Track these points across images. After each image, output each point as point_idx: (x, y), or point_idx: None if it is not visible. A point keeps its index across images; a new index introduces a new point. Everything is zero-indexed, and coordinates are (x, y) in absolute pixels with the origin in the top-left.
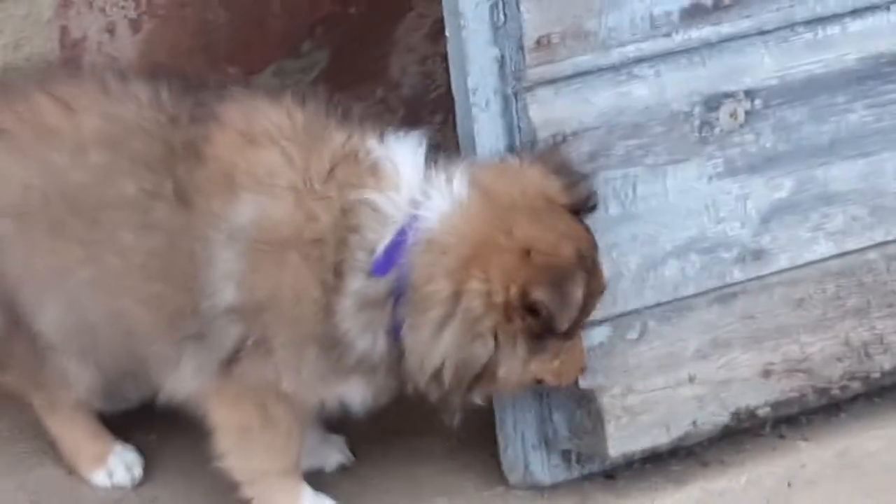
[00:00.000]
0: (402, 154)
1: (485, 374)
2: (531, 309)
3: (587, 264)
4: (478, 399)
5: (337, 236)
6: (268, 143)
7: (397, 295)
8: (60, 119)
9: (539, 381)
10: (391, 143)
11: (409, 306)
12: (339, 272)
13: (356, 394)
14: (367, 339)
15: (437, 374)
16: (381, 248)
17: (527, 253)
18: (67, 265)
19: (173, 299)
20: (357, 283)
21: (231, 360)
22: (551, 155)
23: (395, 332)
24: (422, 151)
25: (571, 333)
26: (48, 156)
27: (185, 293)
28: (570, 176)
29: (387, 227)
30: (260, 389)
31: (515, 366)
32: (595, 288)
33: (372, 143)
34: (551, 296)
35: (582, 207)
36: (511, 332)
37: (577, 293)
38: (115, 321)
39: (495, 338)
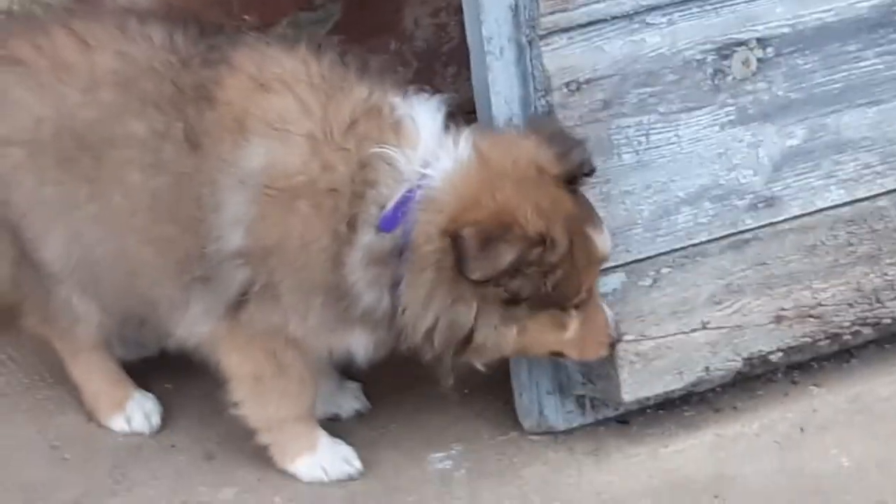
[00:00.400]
0: (424, 115)
1: (468, 338)
2: (454, 241)
3: (552, 238)
4: (478, 364)
5: (353, 189)
6: (281, 90)
7: (401, 251)
8: (76, 54)
9: (558, 354)
10: (414, 102)
11: (409, 264)
12: (352, 224)
13: (360, 344)
14: (373, 294)
15: (428, 335)
16: (391, 204)
17: (497, 214)
18: (74, 199)
19: (179, 241)
20: (367, 237)
21: (238, 305)
22: (546, 124)
23: (396, 289)
24: (441, 114)
25: (560, 300)
26: (62, 90)
27: (191, 236)
28: (563, 145)
29: (400, 183)
30: (268, 335)
31: (490, 331)
32: (582, 259)
33: (396, 100)
34: (471, 240)
35: (574, 175)
36: (484, 296)
37: (503, 255)
38: (119, 259)
39: (476, 301)
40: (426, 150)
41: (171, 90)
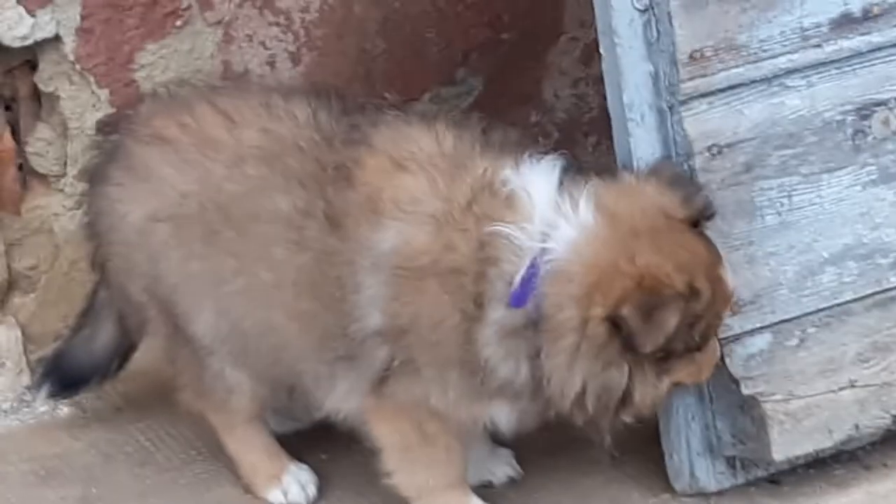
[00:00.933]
0: (535, 183)
1: (625, 398)
2: (615, 323)
3: (697, 293)
4: (628, 418)
5: (475, 268)
6: (415, 169)
7: (535, 324)
8: (221, 131)
9: (678, 384)
10: (525, 171)
11: (545, 334)
12: (479, 303)
13: (502, 415)
14: (509, 366)
15: (579, 400)
16: (517, 281)
17: (642, 279)
18: (220, 273)
19: (323, 318)
20: (497, 314)
21: (381, 380)
22: (664, 169)
23: (535, 360)
24: (554, 177)
25: (701, 347)
26: (207, 165)
27: (333, 314)
28: (685, 188)
29: (523, 258)
30: (413, 407)
31: (648, 388)
32: (718, 303)
33: (507, 172)
34: (636, 317)
35: (699, 218)
36: (638, 360)
37: (668, 321)
38: (266, 333)
39: (627, 364)
40: (542, 220)
41: (313, 168)
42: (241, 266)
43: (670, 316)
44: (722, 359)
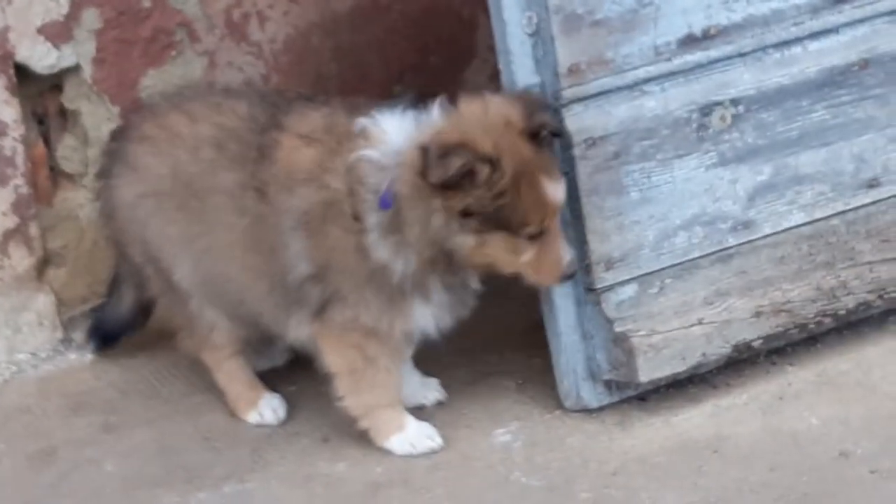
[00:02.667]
0: (385, 118)
1: (451, 251)
2: (421, 154)
3: (500, 161)
4: (473, 283)
5: (347, 191)
6: (311, 142)
7: (399, 215)
8: (184, 126)
9: (519, 276)
10: (376, 114)
11: (403, 216)
12: (357, 216)
13: (423, 319)
14: (399, 261)
15: (421, 249)
16: (383, 188)
17: (452, 135)
18: (190, 235)
19: (267, 270)
20: (373, 220)
21: (320, 311)
22: (522, 91)
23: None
24: (404, 111)
25: (506, 222)
26: (176, 153)
27: (274, 266)
28: (531, 106)
29: (383, 172)
30: (350, 330)
31: (458, 238)
32: (525, 190)
33: (361, 119)
34: (434, 149)
35: (537, 131)
36: (447, 207)
37: (454, 161)
38: (228, 282)
39: (442, 213)
40: (395, 140)
41: (247, 150)
42: (204, 229)
43: (457, 159)
44: (568, 274)
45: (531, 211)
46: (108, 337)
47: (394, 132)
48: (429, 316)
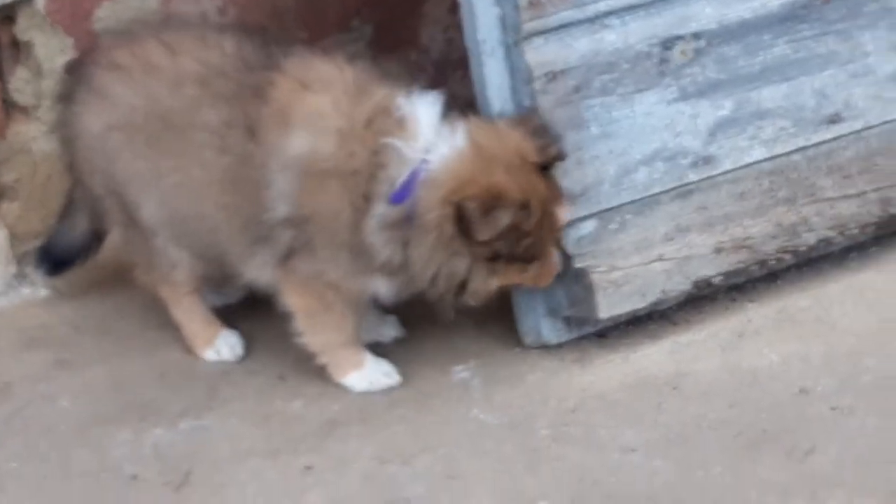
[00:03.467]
0: (423, 110)
1: (464, 284)
2: (458, 214)
3: (531, 211)
4: (471, 301)
5: (368, 171)
6: (320, 90)
7: (410, 219)
8: (164, 59)
9: (519, 284)
10: (415, 100)
11: (416, 229)
12: (367, 198)
13: (382, 288)
14: (388, 251)
15: (432, 282)
16: (399, 183)
17: (487, 188)
18: (161, 171)
19: (243, 208)
20: (380, 208)
21: (287, 257)
22: (531, 119)
23: (408, 247)
24: (438, 107)
25: (528, 258)
26: (152, 86)
27: (252, 205)
28: (544, 138)
29: (406, 166)
30: (313, 280)
31: (480, 281)
32: (546, 230)
33: (401, 100)
34: (475, 210)
35: (550, 164)
36: (474, 254)
37: (501, 219)
38: (198, 219)
39: (468, 257)
40: (425, 139)
41: (236, 88)
42: (177, 165)
43: (504, 215)
44: (561, 273)
45: (548, 242)
46: (58, 262)
47: (426, 127)
48: (392, 290)
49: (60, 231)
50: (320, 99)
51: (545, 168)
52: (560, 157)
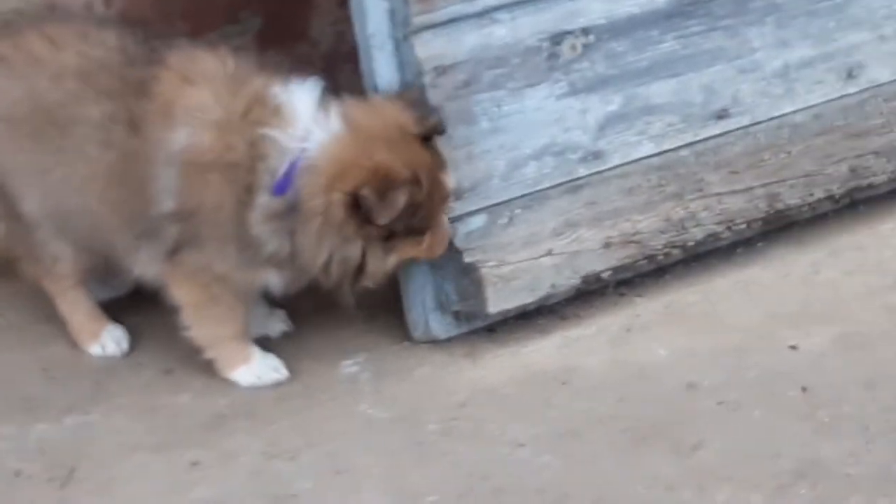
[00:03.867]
0: (299, 98)
1: (360, 268)
2: (356, 203)
3: (420, 183)
4: (369, 283)
5: (248, 163)
6: (202, 84)
7: (293, 209)
8: (46, 52)
9: (415, 259)
10: (291, 89)
11: (300, 217)
12: (249, 191)
13: (272, 279)
14: (274, 243)
15: (325, 269)
16: (280, 173)
17: (374, 170)
18: (45, 165)
19: (128, 203)
20: (263, 200)
21: (174, 251)
22: (408, 93)
23: (293, 237)
24: (315, 94)
25: (421, 230)
26: (34, 79)
27: (136, 200)
28: (421, 110)
29: (285, 155)
30: (200, 273)
31: (378, 261)
32: (436, 198)
33: (276, 89)
34: (373, 194)
35: (430, 134)
36: (368, 236)
37: (399, 199)
38: (82, 213)
39: (361, 241)
40: (303, 127)
41: (119, 83)
42: (61, 160)
43: (401, 196)
44: (451, 242)
45: (437, 210)
46: None
47: (303, 115)
48: (281, 282)
49: None
50: (201, 92)
51: (426, 139)
52: (439, 127)
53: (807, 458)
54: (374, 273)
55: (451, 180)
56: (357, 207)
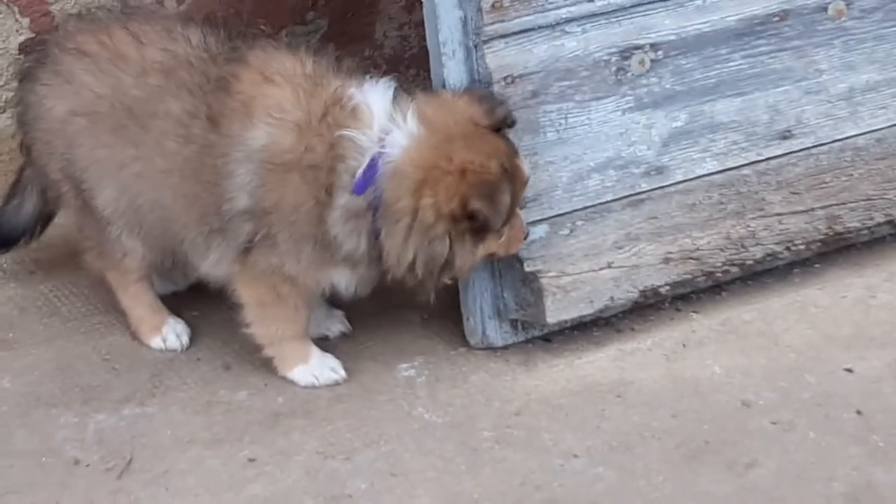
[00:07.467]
0: (374, 98)
1: (447, 264)
2: (471, 216)
3: (509, 172)
4: (447, 280)
5: (328, 164)
6: (282, 83)
7: (374, 209)
8: (131, 48)
9: (492, 255)
10: (366, 89)
11: (384, 218)
12: (329, 191)
13: (342, 280)
14: (352, 242)
15: (411, 268)
16: (359, 174)
17: (463, 173)
18: (122, 159)
19: (202, 198)
20: (343, 200)
21: (246, 251)
22: (474, 89)
23: (374, 237)
24: (389, 94)
25: (508, 223)
26: (118, 74)
27: (211, 195)
28: (490, 102)
29: (364, 156)
30: (269, 273)
31: (467, 256)
32: (518, 185)
33: (353, 90)
34: (485, 205)
35: (501, 125)
36: (458, 233)
37: (505, 199)
38: (156, 208)
39: (449, 238)
40: (380, 127)
41: (200, 79)
42: (138, 154)
43: (505, 195)
44: (525, 236)
45: (519, 197)
46: (2, 240)
47: (380, 116)
48: (352, 282)
49: (7, 211)
50: (280, 92)
51: (498, 131)
52: (508, 118)
53: (860, 483)
54: (462, 268)
55: (527, 167)
56: (470, 219)
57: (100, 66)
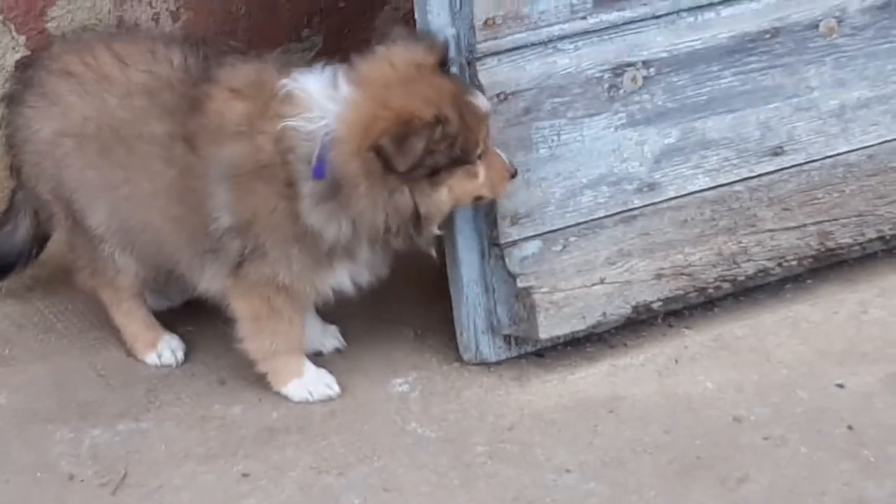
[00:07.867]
0: (308, 82)
1: (418, 214)
2: (377, 151)
3: (448, 116)
4: (435, 229)
5: (279, 159)
6: (244, 96)
7: (336, 185)
8: (115, 70)
9: (479, 198)
10: (298, 77)
11: (344, 191)
12: (290, 184)
13: (345, 279)
14: (333, 227)
15: (387, 227)
16: (314, 158)
17: (396, 117)
18: (111, 181)
19: (190, 220)
20: (307, 188)
21: (238, 265)
22: (404, 32)
23: (347, 214)
24: (324, 75)
25: (468, 158)
26: (103, 96)
27: (198, 216)
28: (426, 39)
29: (313, 140)
30: (263, 284)
31: (430, 202)
32: (473, 121)
33: (284, 80)
34: (389, 142)
35: (444, 59)
36: (410, 179)
37: (417, 143)
38: (147, 230)
39: (406, 185)
40: (318, 106)
41: (179, 101)
42: (127, 176)
43: (418, 141)
44: (514, 174)
45: (475, 132)
46: (1, 267)
47: (317, 97)
48: (360, 273)
49: (2, 235)
50: (243, 105)
51: (442, 66)
52: (447, 50)
53: (852, 498)
54: (432, 214)
55: (484, 102)
56: (378, 154)
57: (85, 87)
